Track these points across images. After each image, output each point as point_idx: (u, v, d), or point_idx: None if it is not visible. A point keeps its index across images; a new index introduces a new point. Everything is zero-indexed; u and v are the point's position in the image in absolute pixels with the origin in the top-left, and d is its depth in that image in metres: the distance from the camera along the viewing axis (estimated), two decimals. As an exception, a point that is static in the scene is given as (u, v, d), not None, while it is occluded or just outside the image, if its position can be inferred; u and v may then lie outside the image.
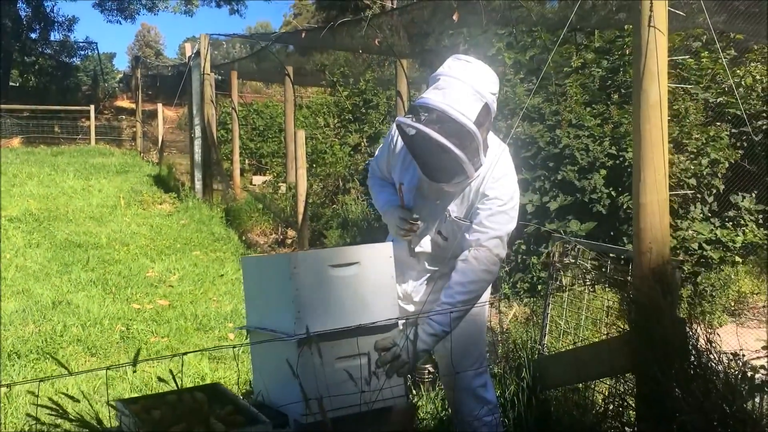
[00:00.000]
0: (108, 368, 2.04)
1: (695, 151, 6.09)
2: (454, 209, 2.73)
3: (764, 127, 6.60)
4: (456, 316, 2.62)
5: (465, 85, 2.48)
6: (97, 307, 5.87)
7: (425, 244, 2.82)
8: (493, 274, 2.70)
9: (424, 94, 2.54)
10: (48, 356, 4.78)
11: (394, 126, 2.87)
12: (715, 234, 6.01)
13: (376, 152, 3.04)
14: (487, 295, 2.91)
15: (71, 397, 1.95)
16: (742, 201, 6.35)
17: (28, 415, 1.84)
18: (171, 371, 2.17)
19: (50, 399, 1.89)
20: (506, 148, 2.75)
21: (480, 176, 2.67)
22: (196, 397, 2.41)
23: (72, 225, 9.12)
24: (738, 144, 6.58)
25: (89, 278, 6.79)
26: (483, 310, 2.90)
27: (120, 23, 31.64)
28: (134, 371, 4.25)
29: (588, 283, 4.41)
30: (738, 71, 6.89)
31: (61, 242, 8.21)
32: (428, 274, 2.89)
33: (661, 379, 2.56)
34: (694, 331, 2.71)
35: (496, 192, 2.66)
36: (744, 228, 6.26)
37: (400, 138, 2.78)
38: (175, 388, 2.33)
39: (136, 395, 3.82)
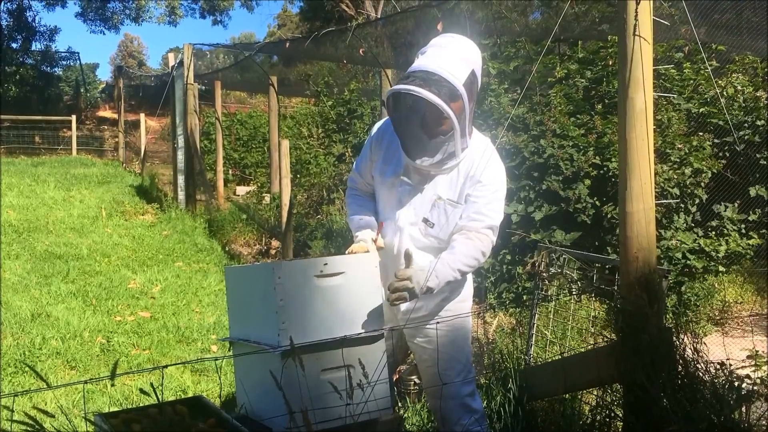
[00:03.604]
0: (86, 381, 1.98)
1: (678, 160, 6.13)
2: (445, 192, 2.71)
3: (746, 137, 6.65)
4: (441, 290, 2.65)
5: (453, 51, 2.57)
6: (77, 320, 5.78)
7: (407, 230, 2.77)
8: (483, 260, 2.73)
9: (414, 63, 2.59)
10: (26, 370, 4.68)
11: (374, 126, 2.90)
12: (699, 243, 6.04)
13: (355, 163, 3.01)
14: (470, 304, 2.90)
15: (46, 412, 1.90)
16: (725, 211, 6.39)
17: (2, 431, 1.78)
18: (152, 384, 2.12)
19: (26, 414, 1.84)
20: (490, 142, 2.79)
21: (468, 159, 2.68)
22: (178, 410, 2.36)
23: (52, 236, 8.99)
24: (720, 154, 6.63)
25: (69, 290, 6.68)
26: (467, 318, 2.89)
27: (103, 33, 31.49)
28: (113, 384, 4.17)
29: (574, 292, 4.40)
30: (720, 82, 6.96)
31: (41, 253, 8.09)
32: None
33: (649, 388, 2.55)
34: (681, 340, 2.70)
35: (490, 178, 2.68)
36: (727, 237, 6.30)
37: (380, 135, 2.83)
38: (157, 401, 2.28)
39: (116, 409, 3.75)
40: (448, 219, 2.72)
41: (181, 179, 11.61)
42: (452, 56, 2.54)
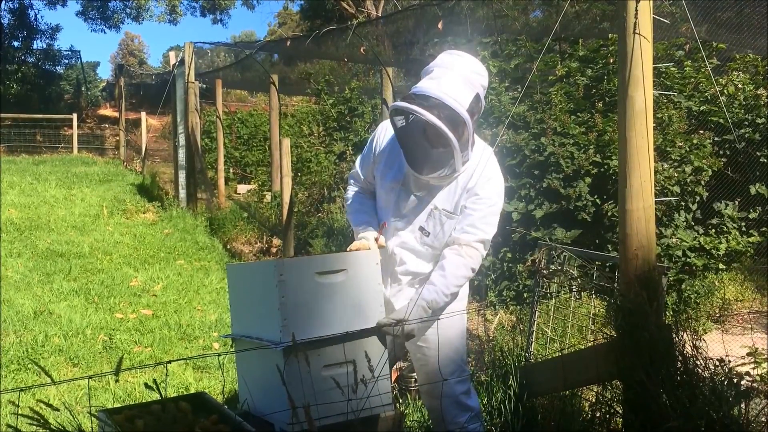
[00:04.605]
0: (90, 377, 2.00)
1: (679, 158, 6.14)
2: (442, 202, 2.74)
3: (747, 135, 6.66)
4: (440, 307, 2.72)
5: (458, 74, 2.56)
6: (79, 317, 5.80)
7: (404, 236, 2.81)
8: (473, 275, 2.78)
9: (418, 84, 2.59)
10: (29, 367, 4.70)
11: (378, 126, 2.91)
12: (699, 241, 6.05)
13: (357, 160, 3.03)
14: (464, 304, 2.92)
15: (51, 406, 1.92)
16: (726, 209, 6.40)
17: (8, 425, 1.80)
18: (155, 380, 2.14)
19: (31, 409, 1.85)
20: (491, 149, 2.81)
21: (467, 171, 2.70)
22: (181, 407, 2.38)
23: (54, 234, 9.01)
24: (721, 152, 6.64)
25: (71, 288, 6.70)
26: (462, 317, 2.91)
27: (104, 32, 31.46)
28: (117, 380, 4.19)
29: (574, 290, 4.41)
30: (720, 80, 6.96)
31: (43, 252, 8.11)
32: (408, 278, 2.85)
33: (648, 386, 2.56)
34: (680, 337, 2.71)
35: (488, 192, 2.71)
36: (727, 235, 6.30)
37: (384, 137, 2.85)
38: (160, 397, 2.30)
39: (119, 405, 3.77)
40: (443, 229, 2.75)
41: (182, 178, 11.62)
42: (456, 80, 2.55)
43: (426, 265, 2.81)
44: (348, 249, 2.75)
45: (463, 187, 2.71)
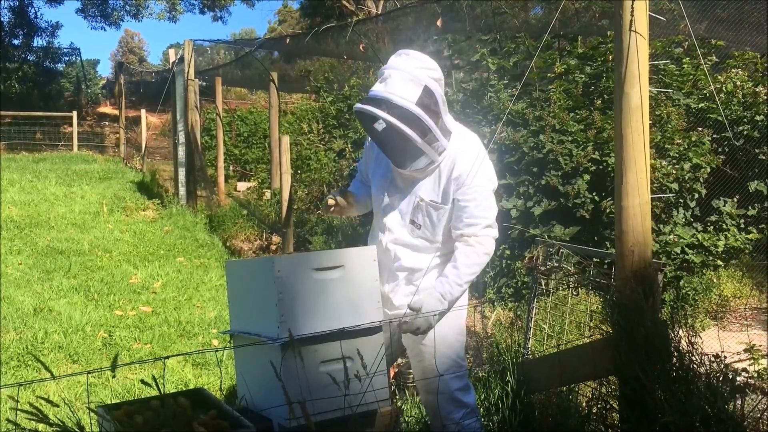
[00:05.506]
0: (89, 372, 2.02)
1: (677, 156, 6.14)
2: (427, 194, 2.81)
3: (745, 132, 6.66)
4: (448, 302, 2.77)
5: (403, 73, 2.68)
6: (79, 314, 5.82)
7: (396, 232, 2.87)
8: (488, 259, 2.84)
9: (372, 87, 2.73)
10: (29, 364, 4.72)
11: None
12: (697, 238, 6.06)
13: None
14: (464, 300, 2.94)
15: (50, 402, 1.93)
16: (724, 206, 6.40)
17: (8, 420, 1.81)
18: (154, 376, 2.15)
19: (30, 404, 1.87)
20: (475, 135, 2.89)
21: (449, 159, 2.77)
22: (180, 402, 2.40)
23: (54, 232, 9.03)
24: (719, 149, 6.64)
25: (71, 285, 6.72)
26: (460, 314, 2.93)
27: (104, 29, 31.46)
28: (114, 376, 4.21)
29: (572, 286, 4.42)
30: (719, 77, 6.96)
31: (43, 249, 8.12)
32: (404, 273, 2.89)
33: (644, 381, 2.57)
34: (676, 333, 2.73)
35: (476, 179, 2.76)
36: (726, 232, 6.31)
37: None
38: (159, 393, 2.31)
39: (117, 401, 3.78)
40: (432, 220, 2.82)
41: (182, 175, 11.63)
42: (402, 78, 2.66)
43: (423, 258, 2.85)
44: (326, 199, 2.98)
45: (448, 176, 2.77)
